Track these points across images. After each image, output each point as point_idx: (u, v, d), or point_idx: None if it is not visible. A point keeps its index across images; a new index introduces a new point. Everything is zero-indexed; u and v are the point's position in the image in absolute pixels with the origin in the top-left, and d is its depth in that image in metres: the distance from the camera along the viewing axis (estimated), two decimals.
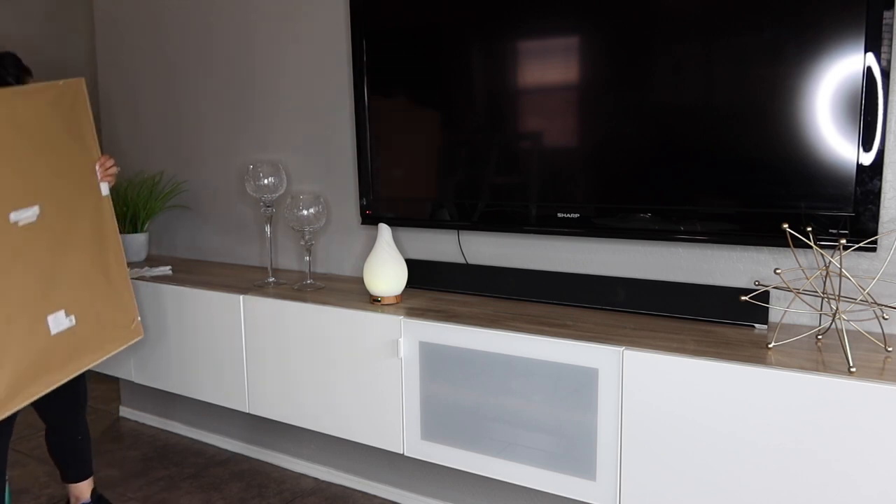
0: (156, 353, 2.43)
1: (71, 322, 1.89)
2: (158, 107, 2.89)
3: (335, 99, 2.39)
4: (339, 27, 2.35)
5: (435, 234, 2.24)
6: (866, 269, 1.63)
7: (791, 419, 1.39)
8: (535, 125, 1.93)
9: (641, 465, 1.56)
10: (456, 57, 2.03)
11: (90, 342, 1.96)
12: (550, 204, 1.93)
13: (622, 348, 1.56)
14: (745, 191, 1.67)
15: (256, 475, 2.56)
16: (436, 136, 2.10)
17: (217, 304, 2.24)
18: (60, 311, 1.87)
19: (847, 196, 1.56)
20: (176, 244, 2.93)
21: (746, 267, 1.78)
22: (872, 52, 1.50)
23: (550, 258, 2.06)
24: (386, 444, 1.95)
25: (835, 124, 1.56)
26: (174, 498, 2.41)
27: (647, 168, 1.78)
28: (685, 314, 1.80)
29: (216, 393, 2.31)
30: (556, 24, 1.86)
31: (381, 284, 2.01)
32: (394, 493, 2.36)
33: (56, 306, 1.86)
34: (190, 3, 2.73)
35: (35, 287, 1.82)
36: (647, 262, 1.91)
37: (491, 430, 1.76)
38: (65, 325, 1.87)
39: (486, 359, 1.75)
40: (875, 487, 1.33)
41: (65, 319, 1.88)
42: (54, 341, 1.85)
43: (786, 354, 1.48)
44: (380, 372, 1.92)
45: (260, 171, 2.29)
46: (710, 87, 1.68)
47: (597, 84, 1.83)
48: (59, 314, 1.87)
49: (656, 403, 1.53)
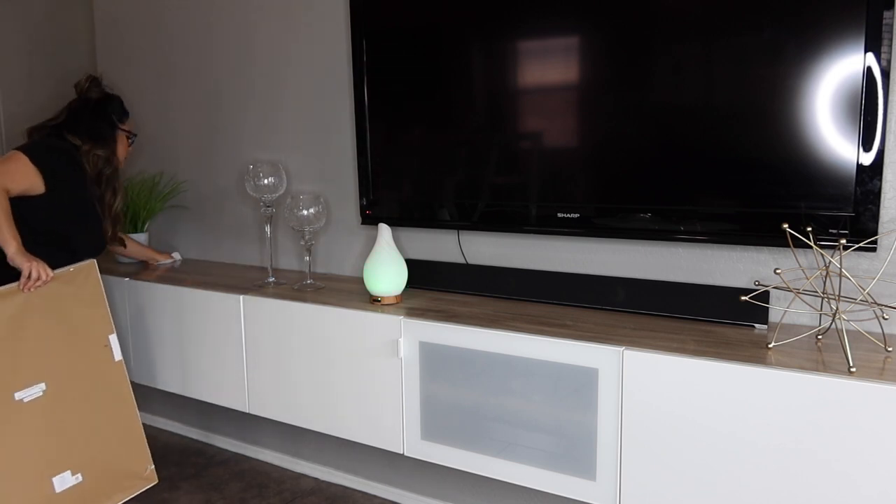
0: (156, 353, 2.43)
1: (77, 479, 2.02)
2: (158, 107, 2.89)
3: (335, 99, 2.39)
4: (339, 27, 2.34)
5: (435, 234, 2.24)
6: (866, 269, 1.63)
7: (791, 419, 1.39)
8: (534, 125, 1.93)
9: (641, 465, 1.56)
10: (456, 57, 2.03)
11: (100, 494, 2.08)
12: (550, 204, 1.93)
13: (622, 348, 1.56)
14: (745, 191, 1.67)
15: (256, 475, 2.56)
16: (436, 136, 2.10)
17: (217, 304, 2.24)
18: (66, 471, 2.01)
19: (847, 196, 1.56)
20: (176, 244, 2.93)
21: (746, 267, 1.78)
22: (872, 52, 1.50)
23: (550, 258, 2.06)
24: (386, 444, 1.95)
25: (835, 124, 1.56)
26: (174, 498, 2.41)
27: (647, 168, 1.78)
28: (685, 314, 1.80)
29: (216, 393, 2.31)
30: (555, 24, 1.86)
31: (381, 284, 2.01)
32: (394, 493, 2.36)
33: (62, 467, 2.00)
34: (190, 3, 2.73)
35: (40, 454, 1.97)
36: (647, 262, 1.91)
37: (491, 430, 1.76)
38: (70, 482, 2.01)
39: (486, 359, 1.75)
40: (875, 487, 1.33)
41: (70, 478, 2.01)
42: (59, 499, 1.98)
43: (786, 354, 1.48)
44: (380, 372, 1.92)
45: (260, 171, 2.29)
46: (710, 87, 1.68)
47: (597, 84, 1.83)
48: (65, 474, 2.00)
49: (656, 403, 1.53)
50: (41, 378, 2.00)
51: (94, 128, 2.19)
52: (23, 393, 1.95)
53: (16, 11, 2.91)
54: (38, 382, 1.99)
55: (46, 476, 1.97)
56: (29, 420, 1.96)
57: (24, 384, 1.96)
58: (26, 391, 1.96)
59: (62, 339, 2.05)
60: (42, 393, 1.99)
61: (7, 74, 2.86)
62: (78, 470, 2.03)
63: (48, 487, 1.97)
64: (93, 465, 2.07)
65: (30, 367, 1.98)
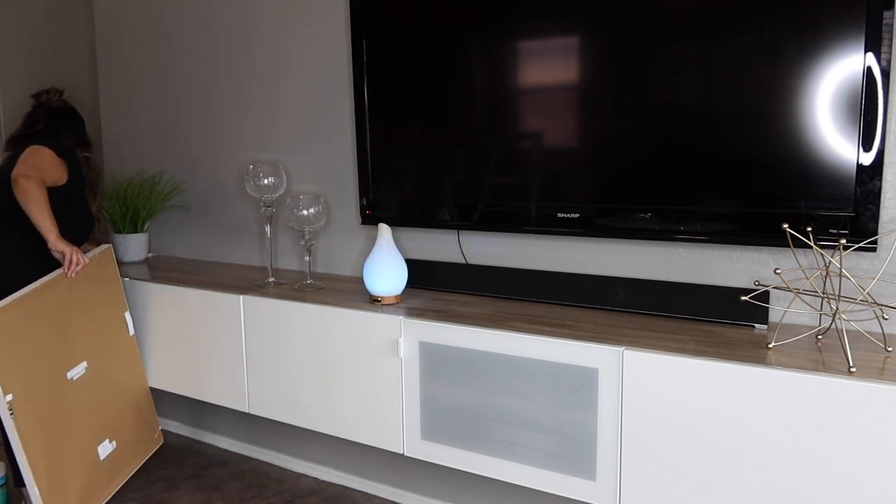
0: (156, 354, 2.43)
1: (113, 446, 2.26)
2: (158, 107, 2.89)
3: (335, 99, 2.39)
4: (339, 27, 2.34)
5: (435, 234, 2.24)
6: (866, 269, 1.63)
7: (791, 419, 1.39)
8: (534, 125, 1.93)
9: (641, 465, 1.56)
10: (456, 57, 2.03)
11: (125, 459, 2.31)
12: (550, 204, 1.93)
13: (622, 348, 1.56)
14: (745, 191, 1.67)
15: (256, 475, 2.56)
16: (436, 136, 2.10)
17: (217, 304, 2.24)
18: (105, 440, 2.23)
19: (847, 196, 1.56)
20: (176, 244, 2.93)
21: (746, 267, 1.78)
22: (872, 52, 1.50)
23: (550, 258, 2.06)
24: (386, 444, 1.95)
25: (835, 124, 1.56)
26: (174, 498, 2.41)
27: (647, 168, 1.78)
28: (685, 314, 1.80)
29: (216, 393, 2.31)
30: (555, 24, 1.86)
31: (381, 284, 2.01)
32: (394, 493, 2.36)
33: (103, 437, 2.22)
34: (190, 3, 2.73)
35: (89, 428, 2.17)
36: (647, 262, 1.91)
37: (491, 430, 1.76)
38: (109, 449, 2.24)
39: (486, 359, 1.75)
40: (875, 487, 1.33)
41: (109, 446, 2.24)
42: (102, 466, 2.20)
43: (786, 354, 1.48)
44: (380, 372, 1.92)
45: (260, 171, 2.29)
46: (710, 87, 1.68)
47: (597, 84, 1.83)
48: (105, 443, 2.23)
49: (656, 403, 1.53)
50: (83, 357, 2.18)
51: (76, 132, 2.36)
52: (72, 372, 2.13)
53: (16, 11, 2.91)
54: (82, 361, 2.18)
55: (93, 445, 2.17)
56: (77, 396, 2.13)
57: (73, 363, 2.14)
58: (74, 370, 2.14)
59: (92, 319, 2.24)
60: (85, 370, 2.18)
61: (7, 74, 2.86)
62: (113, 438, 2.26)
63: (94, 456, 2.17)
64: (121, 432, 2.30)
65: (74, 346, 2.16)
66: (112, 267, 2.35)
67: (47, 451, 2.00)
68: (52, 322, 2.08)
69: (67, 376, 2.10)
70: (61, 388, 2.08)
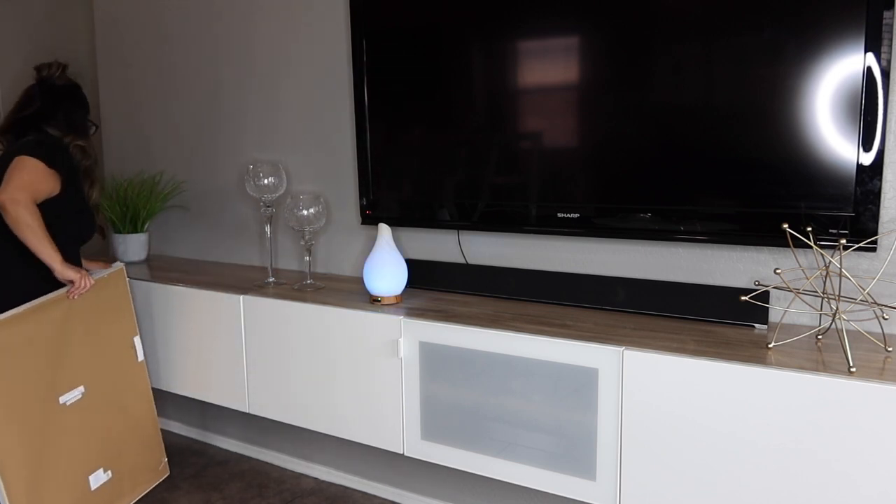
0: (156, 353, 2.43)
1: (108, 476, 2.14)
2: (158, 106, 2.89)
3: (335, 99, 2.39)
4: (339, 27, 2.34)
5: (435, 234, 2.24)
6: (866, 269, 1.63)
7: (791, 419, 1.39)
8: (534, 125, 1.93)
9: (641, 465, 1.56)
10: (456, 57, 2.03)
11: (122, 490, 2.20)
12: (550, 204, 1.93)
13: (622, 348, 1.56)
14: (745, 191, 1.67)
15: (256, 475, 2.56)
16: (436, 136, 2.10)
17: (217, 304, 2.24)
18: (99, 469, 2.11)
19: (847, 196, 1.56)
20: (176, 244, 2.93)
21: (746, 267, 1.78)
22: (872, 52, 1.50)
23: (550, 258, 2.06)
24: (386, 444, 1.95)
25: (835, 124, 1.56)
26: (174, 498, 2.41)
27: (647, 168, 1.78)
28: (685, 314, 1.80)
29: (216, 393, 2.31)
30: (555, 24, 1.86)
31: (381, 284, 2.01)
32: (394, 493, 2.36)
33: (97, 465, 2.10)
34: (190, 3, 2.73)
35: (80, 456, 2.06)
36: (647, 262, 1.91)
37: (491, 430, 1.76)
38: (102, 479, 2.12)
39: (486, 359, 1.75)
40: (875, 487, 1.33)
41: (103, 475, 2.12)
42: (92, 496, 2.08)
43: (786, 354, 1.48)
44: (380, 372, 1.92)
45: (260, 171, 2.29)
46: (710, 87, 1.68)
47: (597, 84, 1.83)
48: (98, 472, 2.10)
49: (656, 403, 1.53)
50: (81, 381, 2.07)
51: (72, 117, 2.14)
52: (66, 396, 2.02)
53: (16, 11, 2.91)
54: (78, 386, 2.06)
55: (83, 475, 2.06)
56: (70, 422, 2.02)
57: (68, 388, 2.03)
58: (69, 395, 2.03)
59: (96, 343, 2.13)
60: (81, 396, 2.06)
61: (7, 74, 2.86)
62: (109, 467, 2.14)
63: (84, 486, 2.06)
64: (119, 461, 2.18)
65: (71, 370, 2.04)
66: (123, 288, 2.23)
67: (30, 476, 1.89)
68: (48, 343, 1.97)
69: (60, 400, 1.99)
70: (52, 412, 1.97)
